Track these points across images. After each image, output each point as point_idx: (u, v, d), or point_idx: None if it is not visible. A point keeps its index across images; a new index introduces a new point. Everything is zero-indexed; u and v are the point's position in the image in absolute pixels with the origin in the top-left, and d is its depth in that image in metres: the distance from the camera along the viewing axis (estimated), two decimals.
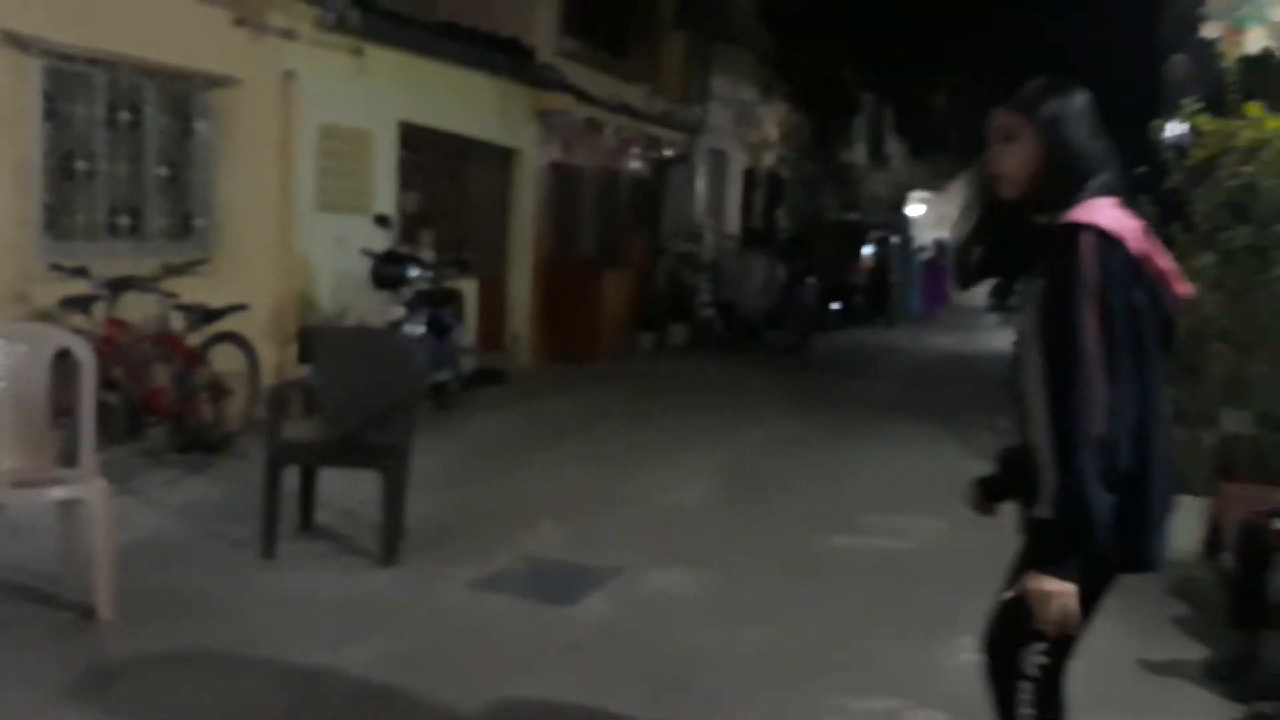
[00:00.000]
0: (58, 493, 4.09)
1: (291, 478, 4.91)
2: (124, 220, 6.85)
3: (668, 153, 14.85)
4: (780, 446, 7.90)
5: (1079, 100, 2.23)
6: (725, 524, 5.75)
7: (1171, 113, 7.01)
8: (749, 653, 3.97)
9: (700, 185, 16.27)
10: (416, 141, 9.72)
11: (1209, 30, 5.67)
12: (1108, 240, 2.05)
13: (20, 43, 6.00)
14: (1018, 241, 2.23)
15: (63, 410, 4.95)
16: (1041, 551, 2.12)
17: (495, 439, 7.70)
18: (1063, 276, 2.05)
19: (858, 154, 23.85)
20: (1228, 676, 3.81)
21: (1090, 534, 2.03)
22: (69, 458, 4.50)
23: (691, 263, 15.23)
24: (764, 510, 6.04)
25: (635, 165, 14.17)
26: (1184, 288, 2.22)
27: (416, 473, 5.03)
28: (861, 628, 4.31)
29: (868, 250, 19.38)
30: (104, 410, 5.60)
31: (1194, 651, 4.10)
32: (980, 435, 8.45)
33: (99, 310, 6.01)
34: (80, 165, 6.51)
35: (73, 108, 6.44)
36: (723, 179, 17.65)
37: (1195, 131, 5.52)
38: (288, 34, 7.80)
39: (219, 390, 6.65)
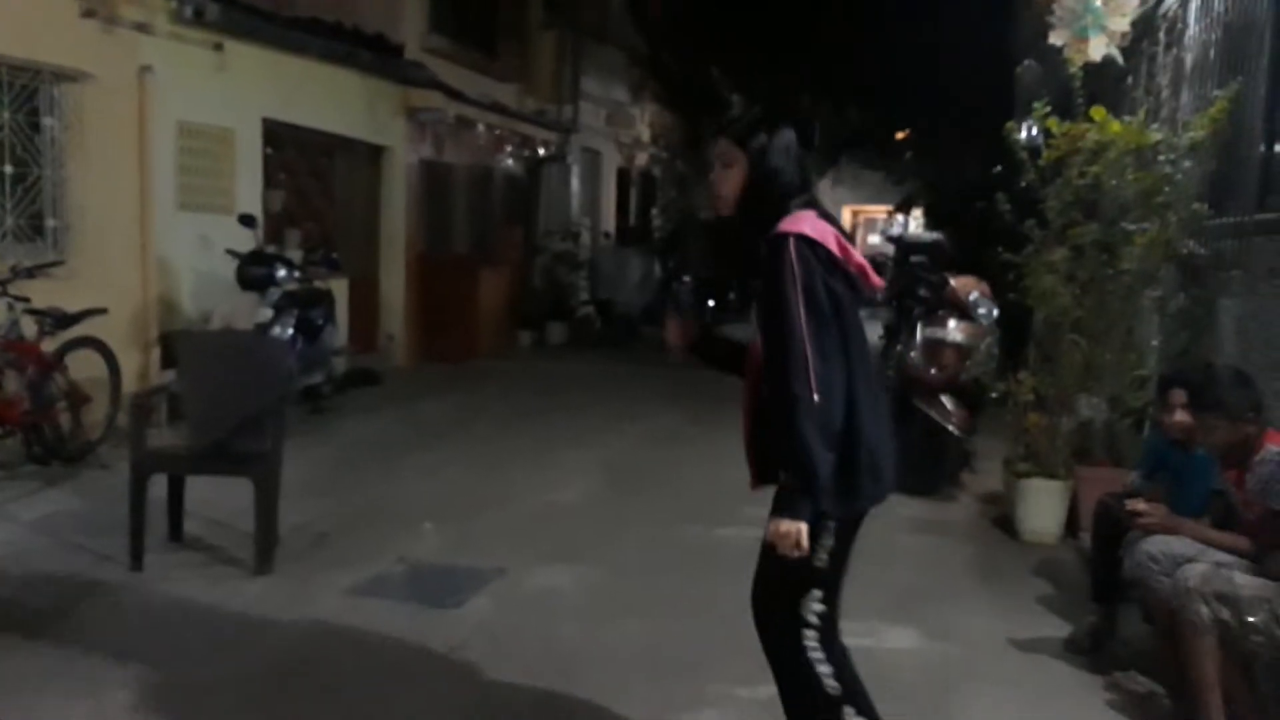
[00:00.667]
0: None
1: (158, 487, 4.74)
2: None
3: (541, 151, 14.81)
4: (660, 441, 7.97)
5: (784, 134, 2.59)
6: (607, 520, 5.77)
7: (1025, 115, 7.37)
8: (634, 647, 4.00)
9: (575, 184, 16.28)
10: (281, 139, 9.44)
11: (1055, 37, 5.96)
12: (810, 243, 2.44)
13: None
14: (737, 253, 2.59)
15: None
16: (777, 501, 2.49)
17: (371, 442, 7.54)
18: (777, 275, 2.43)
19: None
20: (1087, 650, 4.04)
21: (814, 482, 2.41)
22: None
23: (568, 261, 15.22)
24: (645, 505, 6.09)
25: (509, 164, 14.09)
26: (877, 280, 2.65)
27: (289, 479, 4.89)
28: (744, 617, 4.38)
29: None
30: None
31: (1057, 627, 4.32)
32: None
33: None
34: None
35: None
36: (597, 178, 17.71)
37: (1046, 133, 5.81)
38: (142, 27, 7.46)
39: (77, 398, 6.34)
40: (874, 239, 35.58)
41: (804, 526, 2.43)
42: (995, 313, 6.82)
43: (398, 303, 11.32)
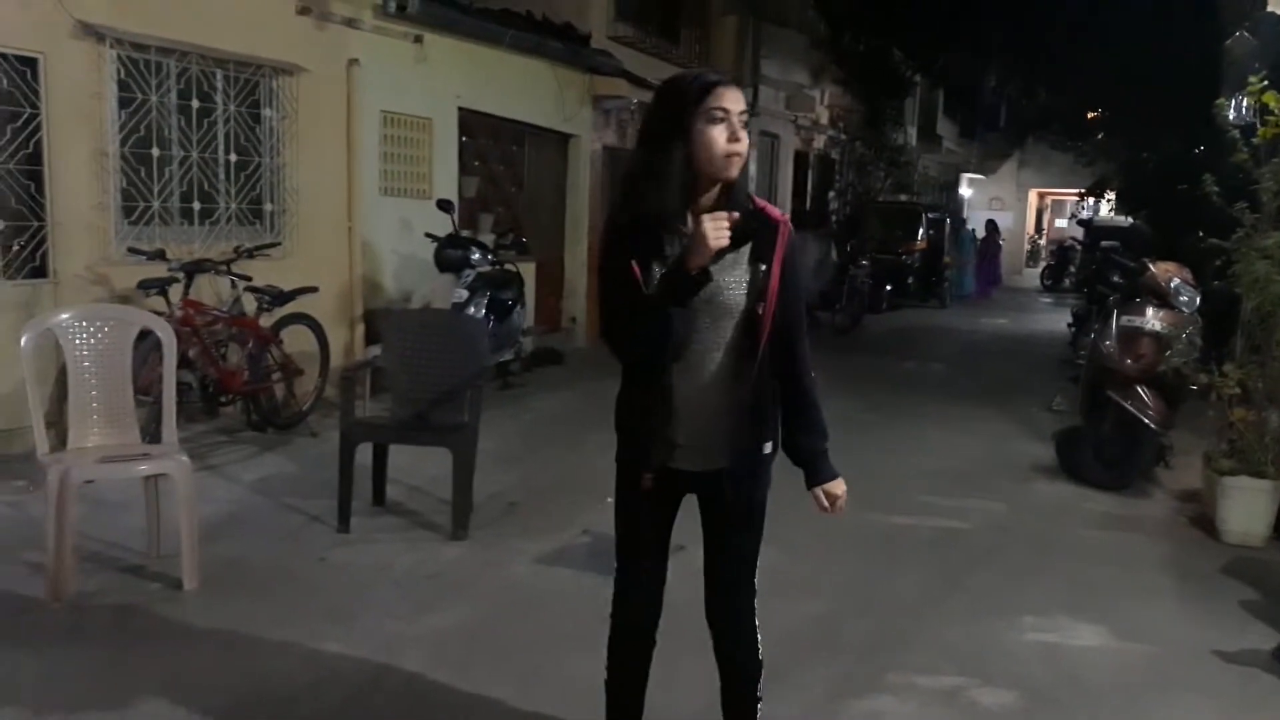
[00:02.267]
0: (143, 468, 4.26)
1: (364, 455, 5.05)
2: (197, 205, 7.05)
3: None
4: (835, 427, 7.77)
5: None
6: (782, 502, 5.75)
7: (1236, 90, 6.91)
8: (811, 628, 4.04)
9: (752, 168, 16.24)
10: (475, 127, 9.84)
11: (1275, 4, 5.57)
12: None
13: (94, 33, 6.19)
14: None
15: (143, 389, 5.17)
16: (821, 466, 2.66)
17: (556, 418, 7.82)
18: (795, 261, 2.45)
19: (909, 136, 23.63)
20: None
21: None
22: (151, 435, 4.70)
23: None
24: None
25: None
26: None
27: (482, 451, 5.13)
28: (922, 605, 4.36)
29: (920, 232, 19.21)
30: (182, 389, 5.81)
31: (1263, 636, 4.10)
32: (1035, 416, 8.43)
33: (175, 292, 6.21)
34: (155, 152, 6.71)
35: (146, 96, 6.63)
36: (775, 162, 17.62)
37: (1262, 109, 5.45)
38: (350, 22, 7.95)
39: (291, 370, 6.84)
40: (1061, 223, 34.02)
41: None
42: (1198, 300, 6.47)
43: (581, 286, 11.63)
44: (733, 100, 2.34)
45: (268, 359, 6.67)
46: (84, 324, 4.32)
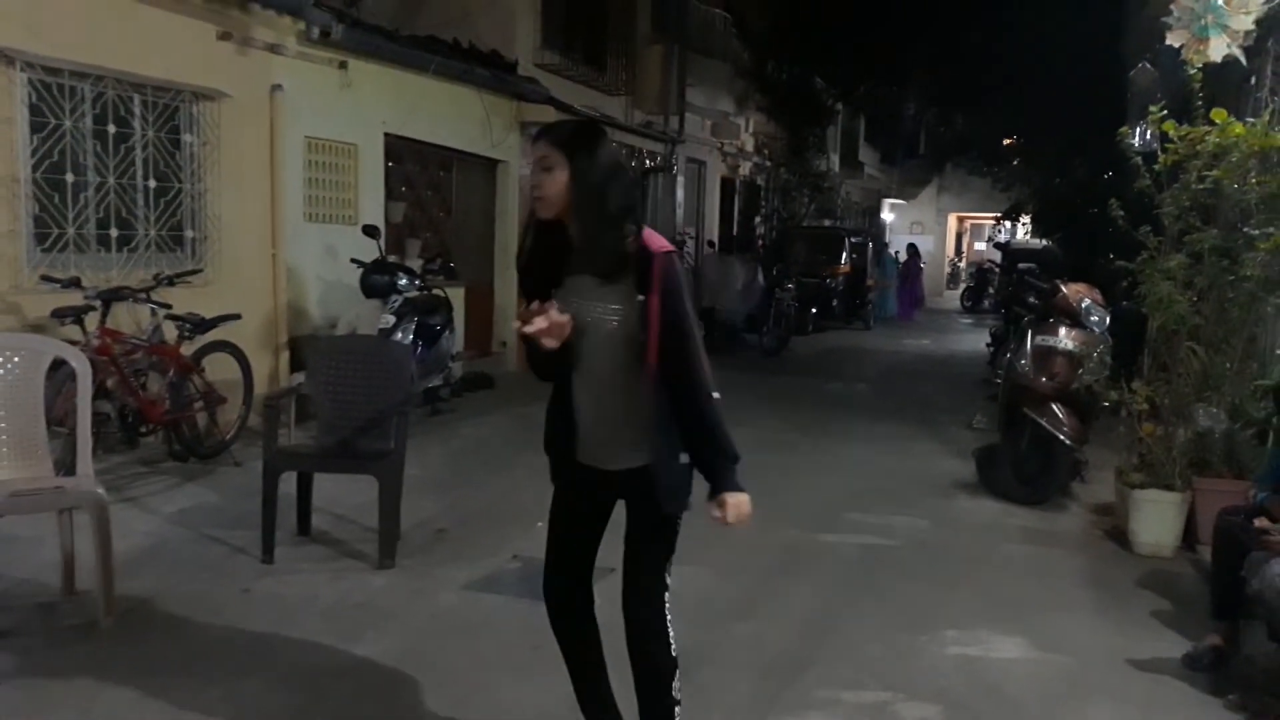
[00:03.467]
0: (56, 501, 4.15)
1: (288, 484, 4.99)
2: (114, 232, 6.90)
3: (648, 163, 15.01)
4: (762, 447, 7.99)
5: (609, 147, 2.72)
6: (710, 522, 5.84)
7: (1139, 119, 7.21)
8: (740, 648, 4.08)
9: (680, 194, 16.43)
10: (402, 153, 9.81)
11: (1173, 38, 5.82)
12: (679, 259, 2.70)
13: (3, 56, 6.05)
14: (558, 249, 2.71)
15: (58, 420, 5.03)
16: (722, 478, 2.73)
17: (486, 443, 7.78)
18: (673, 288, 2.62)
19: (832, 162, 24.09)
20: (1207, 667, 3.93)
21: (737, 460, 2.73)
22: (67, 467, 4.57)
23: None
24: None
25: None
26: None
27: (409, 477, 5.11)
28: (848, 622, 4.43)
29: (844, 255, 19.60)
30: (99, 420, 5.68)
31: (1174, 643, 4.23)
32: (956, 434, 8.63)
33: (92, 321, 6.06)
34: (69, 177, 6.56)
35: (60, 121, 6.49)
36: (702, 188, 17.83)
37: (1163, 137, 5.69)
38: (273, 48, 7.88)
39: (213, 399, 6.71)
40: (980, 246, 34.94)
41: (747, 496, 2.73)
42: (1108, 320, 6.70)
43: (511, 310, 11.60)
44: (538, 149, 2.66)
45: (189, 388, 6.54)
46: None
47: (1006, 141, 20.45)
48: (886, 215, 32.22)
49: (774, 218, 21.01)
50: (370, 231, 8.21)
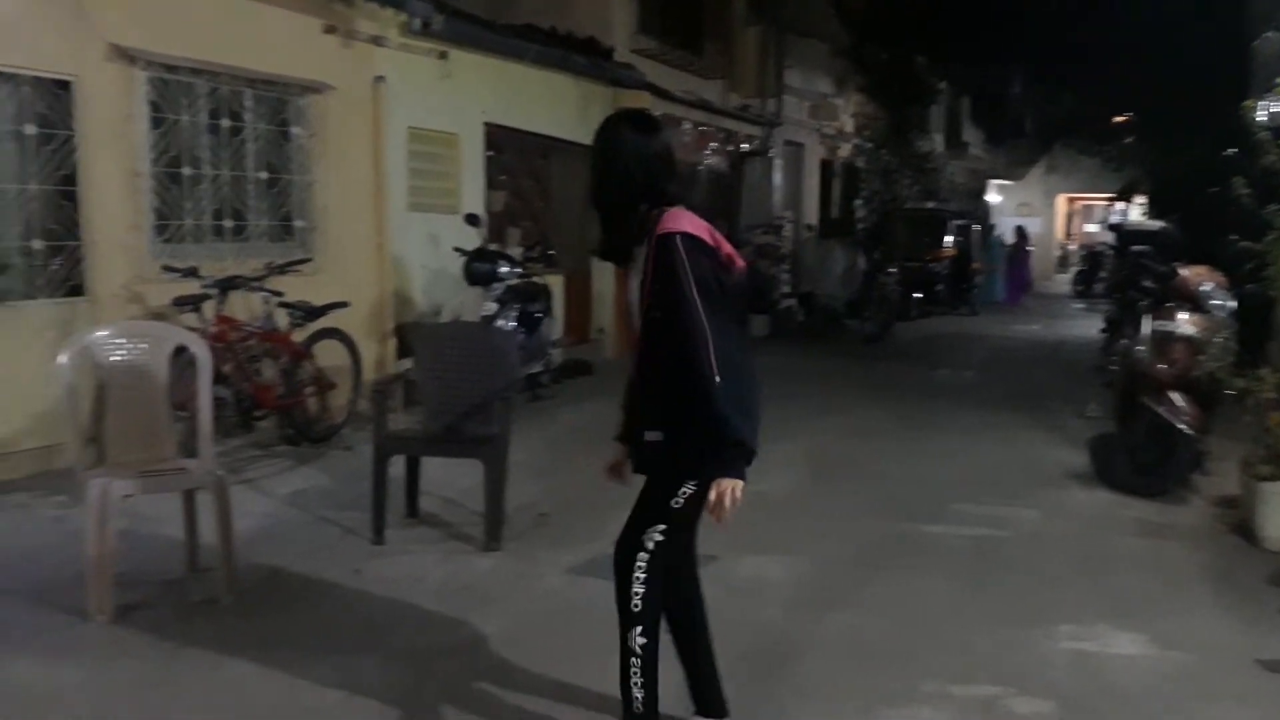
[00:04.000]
0: (180, 482, 4.33)
1: (397, 467, 5.10)
2: (228, 223, 7.15)
3: (745, 146, 14.89)
4: (865, 436, 7.90)
5: (632, 137, 2.91)
6: (813, 512, 5.80)
7: (1264, 91, 6.84)
8: (844, 638, 4.03)
9: (777, 177, 16.27)
10: (501, 141, 9.92)
11: None
12: (694, 239, 2.80)
13: (126, 56, 6.30)
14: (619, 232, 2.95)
15: (179, 405, 5.23)
16: (713, 460, 2.82)
17: (585, 430, 7.83)
18: (671, 270, 2.76)
19: (935, 143, 23.55)
20: None
21: (742, 446, 2.79)
22: (188, 450, 4.76)
23: (770, 254, 15.24)
24: (851, 499, 6.07)
25: (713, 159, 14.23)
26: (740, 263, 2.96)
27: (512, 462, 5.16)
28: (956, 614, 4.34)
29: (948, 238, 19.13)
30: (217, 404, 5.87)
31: None
32: (1068, 423, 8.36)
33: (209, 309, 6.29)
34: (186, 171, 6.81)
35: (178, 116, 6.74)
36: (800, 170, 17.63)
37: None
38: (376, 40, 8.05)
39: (324, 384, 6.91)
40: (1091, 227, 33.74)
41: (741, 483, 2.81)
42: (1231, 304, 6.40)
43: (609, 297, 11.67)
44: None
45: (301, 373, 6.74)
46: (121, 341, 4.39)
47: (1118, 119, 19.68)
48: (992, 197, 31.37)
49: (875, 200, 20.64)
50: (472, 220, 8.33)
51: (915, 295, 16.98)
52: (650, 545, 2.97)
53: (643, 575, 2.98)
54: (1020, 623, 4.23)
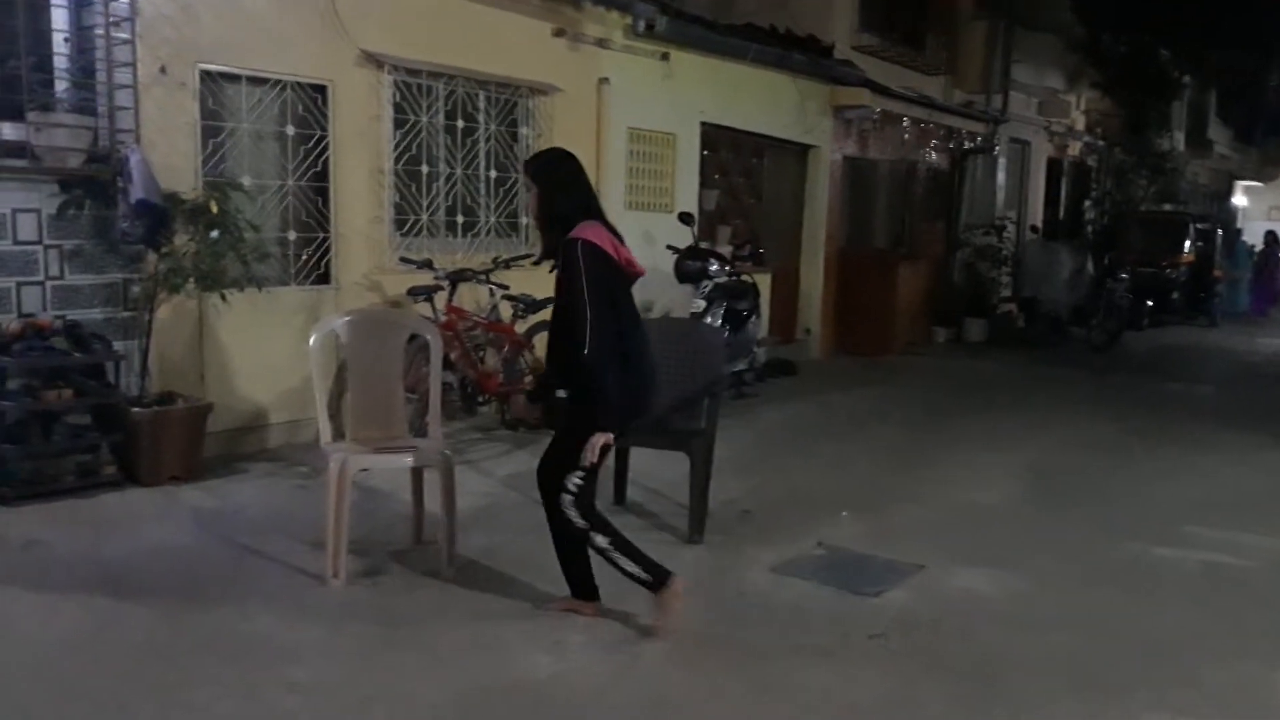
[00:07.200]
0: (411, 460, 4.61)
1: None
2: (460, 218, 7.56)
3: (967, 144, 14.39)
4: (1090, 450, 7.49)
5: (563, 166, 3.89)
6: (1031, 526, 5.57)
7: None
8: (1060, 661, 3.84)
9: (1001, 176, 15.62)
10: (717, 141, 10.01)
11: None
12: (591, 246, 3.65)
13: (376, 61, 6.77)
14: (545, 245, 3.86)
15: (410, 387, 5.59)
16: (592, 414, 3.72)
17: (790, 429, 7.82)
18: (572, 266, 3.63)
19: (1176, 141, 21.94)
20: None
21: (611, 405, 3.71)
22: (417, 430, 5.08)
23: (991, 256, 14.67)
24: (1073, 515, 5.78)
25: (932, 157, 13.84)
26: (639, 268, 3.88)
27: (716, 458, 5.21)
28: (1187, 644, 4.06)
29: (1187, 243, 17.79)
30: (444, 389, 6.23)
31: None
32: None
33: (440, 299, 6.68)
34: (424, 169, 7.24)
35: (418, 117, 7.17)
36: (1025, 169, 16.86)
37: None
38: (601, 42, 8.29)
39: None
40: None
41: (610, 436, 3.71)
42: None
43: (816, 296, 11.58)
44: (525, 175, 4.00)
45: (521, 362, 7.05)
46: (363, 326, 4.74)
47: None
48: (1239, 199, 28.96)
49: (1106, 201, 19.47)
50: (685, 219, 8.45)
51: (1148, 303, 15.92)
52: (572, 488, 3.77)
53: (573, 509, 3.78)
54: (1261, 658, 3.92)
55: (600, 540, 3.82)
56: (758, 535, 5.13)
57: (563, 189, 3.80)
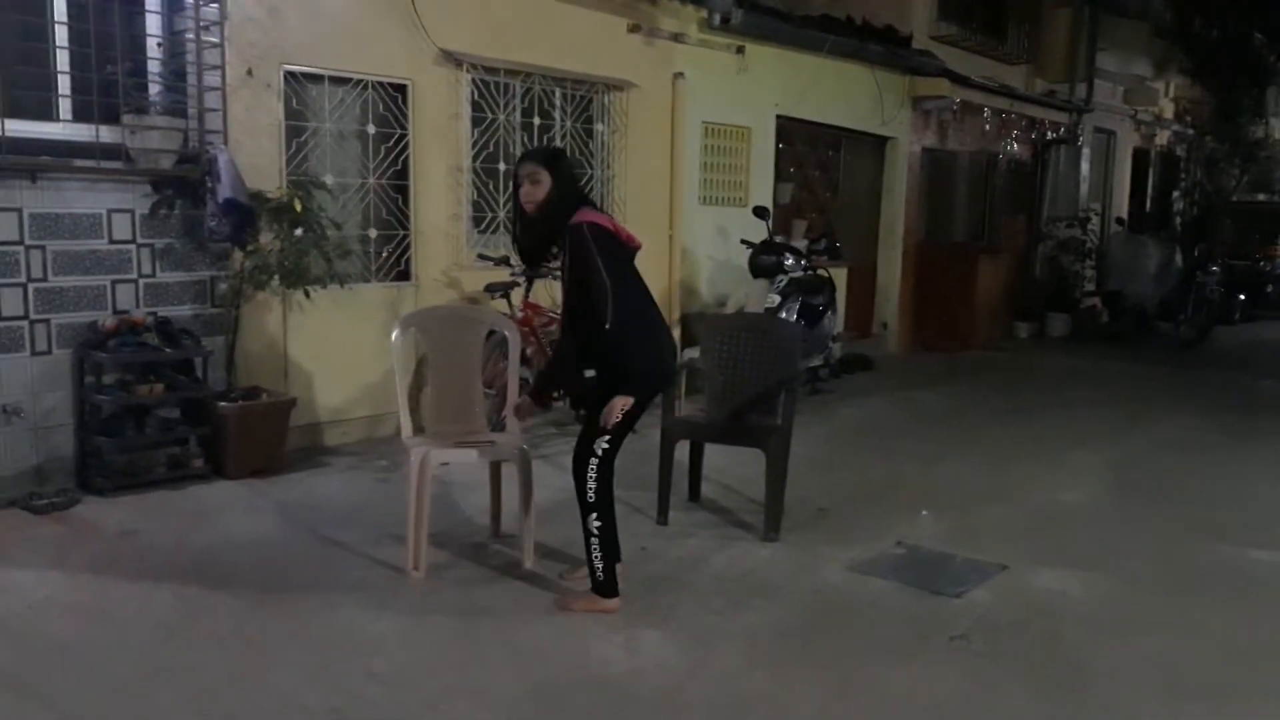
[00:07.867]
0: (489, 453, 4.66)
1: (680, 451, 5.25)
2: None
3: (1050, 134, 14.06)
4: (1178, 449, 7.26)
5: (567, 160, 4.11)
6: (1116, 527, 5.42)
7: None
8: (1148, 666, 3.73)
9: (1085, 166, 15.21)
10: (792, 134, 9.93)
11: None
12: (597, 226, 3.80)
13: (454, 60, 6.84)
14: (543, 236, 3.97)
15: (487, 382, 5.65)
16: (618, 385, 3.80)
17: (866, 426, 7.73)
18: (584, 248, 3.74)
19: (1271, 128, 21.11)
20: None
21: (635, 374, 3.82)
22: (494, 425, 5.13)
23: (1075, 249, 14.31)
24: (1161, 515, 5.61)
25: (1013, 148, 13.54)
26: (637, 241, 3.97)
27: (792, 454, 5.15)
28: None
29: None
30: (520, 384, 6.28)
31: None
32: None
33: (516, 295, 6.73)
34: (501, 166, 7.31)
35: (495, 115, 7.24)
36: (1110, 159, 16.41)
37: None
38: (677, 37, 8.28)
39: None
40: None
41: (631, 400, 3.78)
42: None
43: (893, 290, 11.43)
44: (526, 167, 3.94)
45: None
46: (443, 322, 4.80)
47: None
48: None
49: (1196, 192, 18.84)
50: (760, 213, 8.40)
51: (1240, 297, 15.39)
52: (599, 452, 3.90)
53: (594, 474, 3.91)
54: None
55: (594, 522, 3.96)
56: (834, 534, 5.08)
57: (569, 180, 4.00)
